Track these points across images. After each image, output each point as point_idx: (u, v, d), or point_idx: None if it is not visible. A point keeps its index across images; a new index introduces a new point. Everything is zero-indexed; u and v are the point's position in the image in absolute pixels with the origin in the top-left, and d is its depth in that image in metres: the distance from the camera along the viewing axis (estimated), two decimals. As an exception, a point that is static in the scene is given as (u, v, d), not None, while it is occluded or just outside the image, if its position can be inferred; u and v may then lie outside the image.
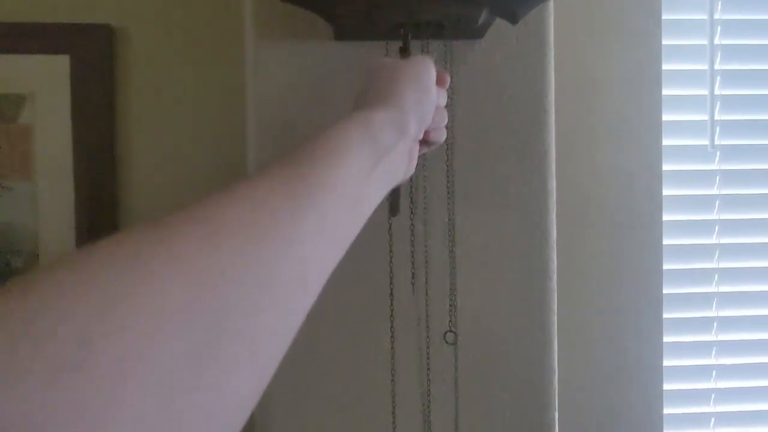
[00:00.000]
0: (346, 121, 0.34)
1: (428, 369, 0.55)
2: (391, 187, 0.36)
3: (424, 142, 0.44)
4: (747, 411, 0.93)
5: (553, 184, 0.59)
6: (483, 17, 0.45)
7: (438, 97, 0.42)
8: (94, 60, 0.81)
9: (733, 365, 0.93)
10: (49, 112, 0.81)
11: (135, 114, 0.82)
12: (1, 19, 0.80)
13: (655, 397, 0.89)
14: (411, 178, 0.53)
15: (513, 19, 0.46)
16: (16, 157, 0.81)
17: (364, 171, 0.32)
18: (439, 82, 0.43)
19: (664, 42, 0.89)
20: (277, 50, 0.56)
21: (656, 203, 0.89)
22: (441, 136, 0.45)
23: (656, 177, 0.89)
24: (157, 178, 0.82)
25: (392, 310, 0.53)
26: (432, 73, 0.41)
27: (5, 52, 0.80)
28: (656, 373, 0.89)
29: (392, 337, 0.53)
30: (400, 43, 0.48)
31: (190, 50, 0.82)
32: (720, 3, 0.91)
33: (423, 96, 0.39)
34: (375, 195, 0.34)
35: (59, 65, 0.81)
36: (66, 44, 0.81)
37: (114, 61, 0.81)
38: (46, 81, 0.81)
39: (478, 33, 0.53)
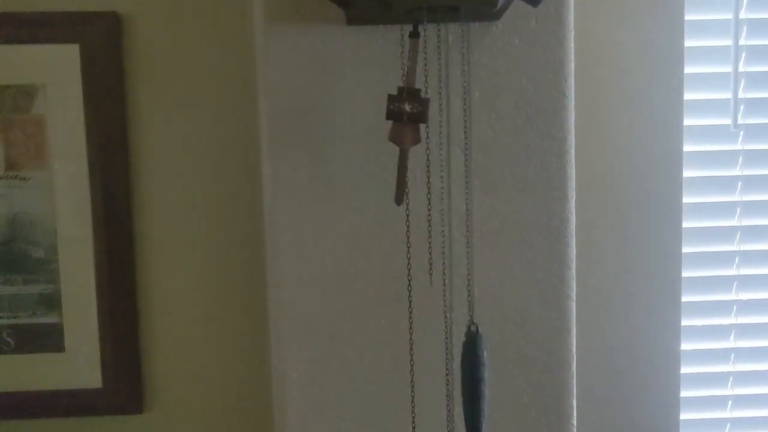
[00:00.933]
0: None
1: (447, 357, 0.55)
2: None
3: None
4: (766, 394, 0.92)
5: (572, 169, 0.57)
6: (502, 1, 0.44)
7: None
8: (103, 48, 0.80)
9: (753, 348, 0.92)
10: (61, 102, 0.81)
11: (146, 101, 0.82)
12: (10, 9, 0.79)
13: (672, 381, 0.89)
14: (427, 166, 0.52)
15: (534, 1, 0.44)
16: (31, 147, 0.81)
17: None
18: None
19: (687, 17, 0.85)
20: (288, 35, 0.55)
21: (677, 185, 0.87)
22: None
23: (677, 158, 0.87)
24: (169, 164, 0.82)
25: (410, 301, 0.52)
26: None
27: (15, 42, 0.80)
28: (674, 357, 0.88)
29: (411, 327, 0.53)
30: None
31: (199, 36, 0.81)
32: (746, -25, 0.87)
33: None
34: None
35: (69, 55, 0.80)
36: (74, 33, 0.80)
37: (122, 48, 0.81)
38: (56, 71, 0.80)
39: (495, 15, 0.51)
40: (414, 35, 0.45)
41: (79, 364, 0.83)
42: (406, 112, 0.44)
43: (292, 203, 0.56)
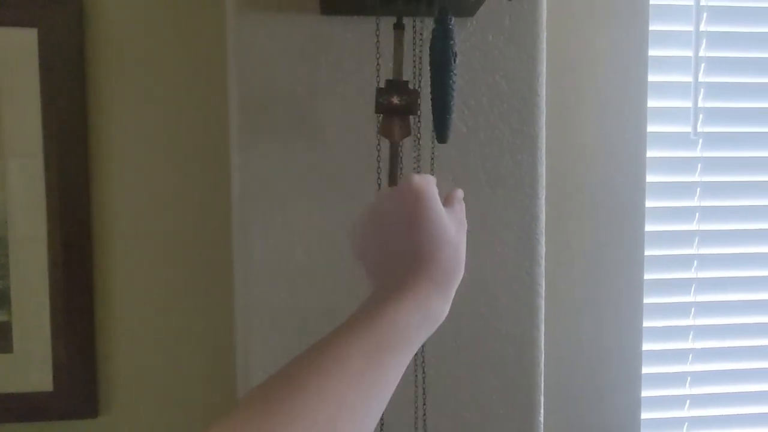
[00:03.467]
0: (352, 331, 0.33)
1: (415, 354, 0.54)
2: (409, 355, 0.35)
3: None
4: (722, 393, 0.96)
5: (543, 167, 0.58)
6: (477, -8, 0.44)
7: (460, 211, 0.38)
8: (64, 34, 0.77)
9: (710, 349, 0.95)
10: (15, 91, 0.76)
11: (108, 92, 0.78)
12: (-37, -13, 0.75)
13: (634, 379, 0.91)
14: (400, 157, 0.51)
15: (508, -7, 0.45)
16: (-19, 136, 0.77)
17: (419, 343, 0.33)
18: (449, 201, 0.38)
19: (651, 28, 0.88)
20: (261, 23, 0.54)
21: (640, 189, 0.89)
22: None
23: (640, 163, 0.89)
24: (132, 158, 0.79)
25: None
26: (434, 211, 0.35)
27: (-33, 22, 0.75)
28: (635, 357, 0.90)
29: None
30: (389, 19, 0.46)
31: (168, 24, 0.78)
32: (705, -10, 0.91)
33: (442, 259, 0.34)
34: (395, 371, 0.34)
35: (27, 39, 0.76)
36: (33, 17, 0.76)
37: (85, 35, 0.77)
38: (11, 56, 0.76)
39: (469, 11, 0.51)
40: (398, 26, 0.45)
41: (29, 366, 0.78)
42: (395, 105, 0.43)
43: (261, 195, 0.55)
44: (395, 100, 0.44)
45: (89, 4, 0.77)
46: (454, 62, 0.43)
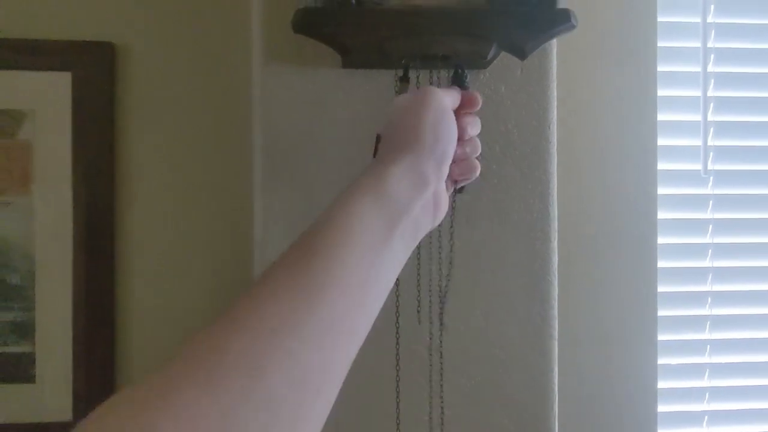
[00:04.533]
0: (357, 185, 0.33)
1: (432, 396, 0.55)
2: (417, 241, 0.35)
3: (453, 180, 0.40)
4: (740, 433, 0.94)
5: (555, 211, 0.59)
6: (492, 52, 0.46)
7: (466, 124, 0.39)
8: (96, 78, 0.81)
9: (726, 387, 0.94)
10: (49, 129, 0.81)
11: (136, 131, 0.82)
12: (4, 35, 0.80)
13: (649, 419, 0.90)
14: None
15: (522, 55, 0.47)
16: (15, 172, 0.80)
17: (380, 239, 0.31)
18: (468, 104, 0.40)
19: (660, 69, 0.91)
20: (285, 75, 0.57)
21: (651, 226, 0.90)
22: (470, 170, 0.41)
23: (651, 200, 0.90)
24: (156, 194, 0.82)
25: (398, 338, 0.53)
26: (440, 103, 0.37)
27: (7, 68, 0.80)
28: (650, 396, 0.90)
29: (398, 363, 0.53)
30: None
31: (194, 70, 0.82)
32: (713, 31, 0.93)
33: (438, 134, 0.36)
34: (398, 255, 0.33)
35: (61, 82, 0.81)
36: (68, 61, 0.81)
37: (115, 79, 0.81)
38: (47, 98, 0.81)
39: (484, 64, 0.54)
40: (404, 80, 0.48)
41: (50, 396, 0.80)
42: None
43: (282, 239, 0.57)
44: None
45: (120, 50, 0.82)
46: None
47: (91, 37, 0.81)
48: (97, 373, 0.80)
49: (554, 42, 0.59)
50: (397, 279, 0.55)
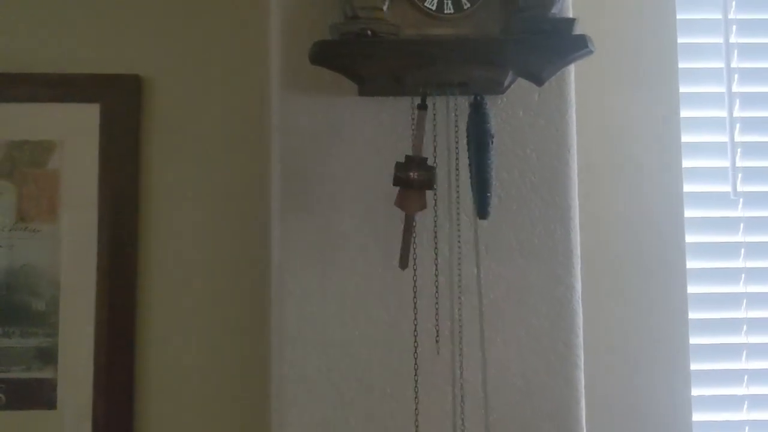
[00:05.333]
0: None
1: (455, 427, 0.53)
2: None
3: None
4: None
5: (577, 236, 0.58)
6: (508, 80, 0.46)
7: None
8: (123, 109, 0.83)
9: (764, 420, 0.89)
10: (77, 159, 0.83)
11: (160, 160, 0.84)
12: (36, 69, 0.83)
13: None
14: (435, 232, 0.52)
15: (539, 81, 0.47)
16: (43, 201, 0.83)
17: None
18: None
19: (682, 90, 0.89)
20: (302, 104, 0.57)
21: (680, 251, 0.87)
22: None
23: (678, 224, 0.88)
24: (178, 222, 0.83)
25: (416, 368, 0.52)
26: None
27: (39, 100, 0.83)
28: (686, 427, 0.85)
29: (416, 395, 0.52)
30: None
31: (216, 100, 0.84)
32: (736, 51, 0.92)
33: None
34: None
35: (89, 114, 0.83)
36: (96, 94, 0.84)
37: (141, 110, 0.84)
38: (75, 129, 0.83)
39: (501, 90, 0.54)
40: (422, 107, 0.48)
41: (70, 422, 0.80)
42: (413, 179, 0.46)
43: (299, 265, 0.57)
44: (413, 174, 0.46)
45: (147, 82, 0.84)
46: (492, 143, 0.45)
47: (118, 70, 0.84)
48: (118, 398, 0.80)
49: (572, 66, 0.58)
50: (415, 307, 0.54)
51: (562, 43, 0.44)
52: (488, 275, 0.56)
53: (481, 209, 0.48)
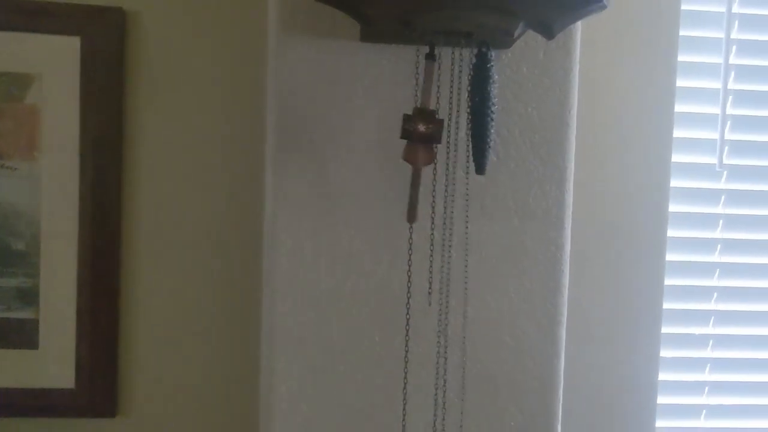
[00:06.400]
0: None
1: (437, 377, 0.55)
2: None
3: None
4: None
5: (570, 199, 0.59)
6: (519, 30, 0.45)
7: None
8: (105, 43, 0.79)
9: (726, 382, 0.94)
10: (56, 94, 0.79)
11: (146, 100, 0.81)
12: (12, -5, 0.78)
13: (649, 409, 0.90)
14: (433, 186, 0.52)
15: (549, 34, 0.46)
16: (21, 137, 0.79)
17: None
18: None
19: (680, 59, 0.89)
20: (302, 48, 0.55)
21: (663, 219, 0.89)
22: None
23: (664, 193, 0.89)
24: (165, 165, 0.81)
25: (408, 319, 0.52)
26: None
27: (15, 29, 0.78)
28: (651, 386, 0.90)
29: (407, 345, 0.53)
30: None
31: (206, 39, 0.80)
32: (737, 22, 0.91)
33: None
34: None
35: (69, 47, 0.79)
36: (77, 26, 0.79)
37: (125, 45, 0.80)
38: (55, 62, 0.79)
39: (506, 43, 0.52)
40: (430, 57, 0.46)
41: (52, 363, 0.80)
42: (420, 132, 0.45)
43: (293, 216, 0.56)
44: (421, 127, 0.45)
45: (131, 15, 0.80)
46: (493, 99, 0.45)
47: (100, 1, 0.79)
48: (101, 341, 0.80)
49: (579, 25, 0.57)
50: (410, 260, 0.54)
51: (578, -5, 0.43)
52: (482, 233, 0.57)
53: (479, 165, 0.47)
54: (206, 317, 0.81)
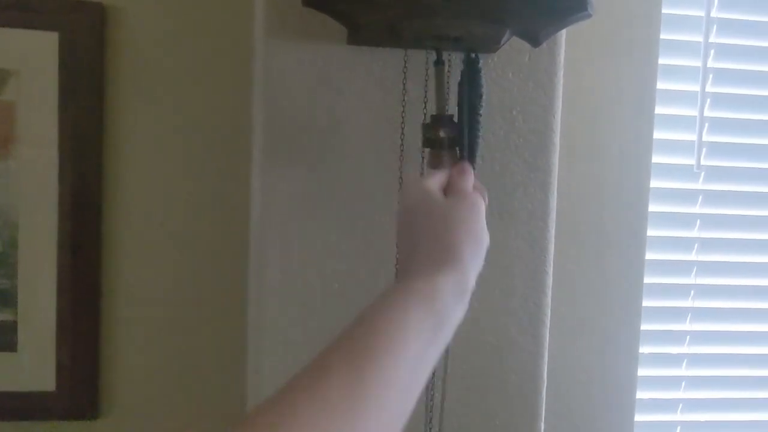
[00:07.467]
0: (405, 295, 0.35)
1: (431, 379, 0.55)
2: (449, 340, 0.36)
3: None
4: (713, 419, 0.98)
5: (554, 201, 0.59)
6: (505, 38, 0.45)
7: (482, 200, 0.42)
8: (84, 39, 0.77)
9: (703, 377, 0.97)
10: (34, 90, 0.77)
11: (126, 97, 0.79)
12: (-13, -12, 0.76)
13: (628, 404, 0.93)
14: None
15: (535, 42, 0.46)
16: (-3, 134, 0.77)
17: (426, 344, 0.33)
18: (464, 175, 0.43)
19: (661, 62, 0.90)
20: (289, 50, 0.55)
21: (642, 219, 0.91)
22: None
23: (644, 193, 0.91)
24: (146, 163, 0.80)
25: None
26: (483, 217, 0.40)
27: (-10, 24, 0.76)
28: (631, 382, 0.92)
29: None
30: (418, 52, 0.47)
31: (189, 36, 0.79)
32: (715, 26, 0.93)
33: (479, 248, 0.39)
34: (436, 354, 0.35)
35: (47, 42, 0.77)
36: (55, 21, 0.77)
37: (105, 41, 0.78)
38: (32, 58, 0.77)
39: (494, 48, 0.53)
40: (438, 63, 0.46)
41: (32, 365, 0.79)
42: (443, 138, 0.45)
43: (280, 217, 0.56)
44: (442, 134, 0.46)
45: (110, 11, 0.78)
46: (481, 104, 0.45)
47: (80, -4, 0.77)
48: (82, 343, 0.79)
49: (564, 31, 0.58)
50: (396, 261, 0.54)
51: (564, 4, 0.43)
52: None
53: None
54: (189, 318, 0.81)
